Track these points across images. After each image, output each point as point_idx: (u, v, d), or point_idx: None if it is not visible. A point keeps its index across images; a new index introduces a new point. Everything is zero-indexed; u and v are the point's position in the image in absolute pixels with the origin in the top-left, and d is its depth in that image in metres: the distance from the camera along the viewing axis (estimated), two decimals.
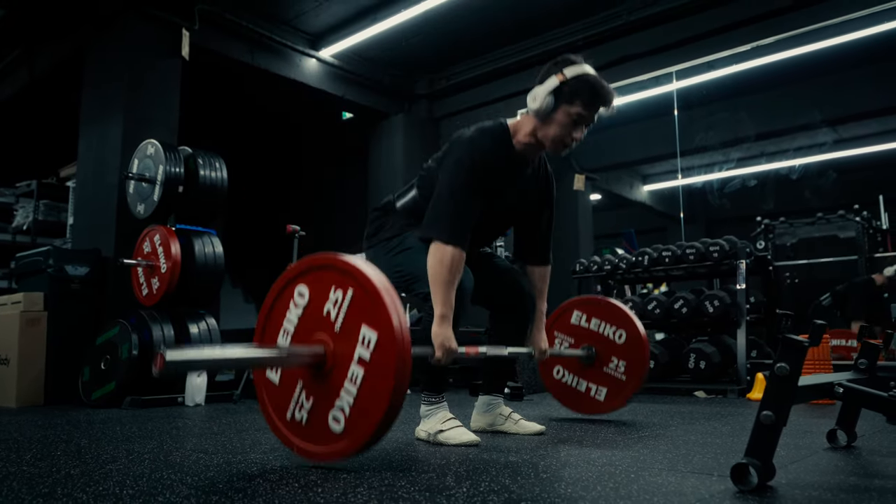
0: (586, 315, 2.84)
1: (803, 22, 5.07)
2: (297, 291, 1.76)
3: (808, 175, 8.45)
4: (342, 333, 1.65)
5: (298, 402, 1.72)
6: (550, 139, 2.18)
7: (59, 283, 4.22)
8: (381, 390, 1.55)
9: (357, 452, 1.62)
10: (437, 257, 2.05)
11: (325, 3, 5.66)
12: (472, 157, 2.15)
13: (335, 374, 1.64)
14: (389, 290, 1.60)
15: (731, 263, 4.59)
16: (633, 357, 2.72)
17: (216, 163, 4.28)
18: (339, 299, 1.66)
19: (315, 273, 1.74)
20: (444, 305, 2.04)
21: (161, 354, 1.37)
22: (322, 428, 1.65)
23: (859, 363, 1.93)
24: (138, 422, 2.91)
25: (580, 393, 2.87)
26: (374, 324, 1.59)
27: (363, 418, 1.58)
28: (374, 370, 1.57)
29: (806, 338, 1.37)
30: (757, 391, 3.93)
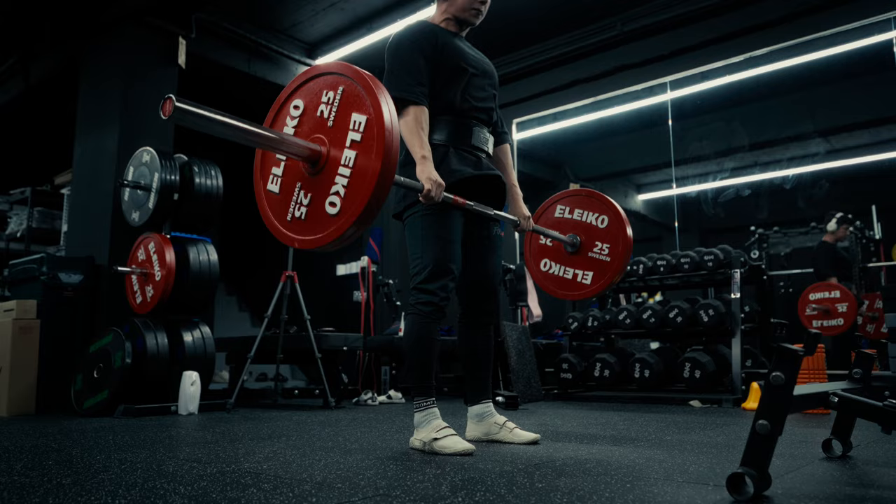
0: (569, 207, 2.91)
1: (795, 34, 5.13)
2: (291, 106, 1.91)
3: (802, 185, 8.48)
4: (335, 127, 1.79)
5: (297, 202, 1.85)
6: (461, 8, 2.43)
7: (53, 291, 4.20)
8: (372, 164, 1.67)
9: (354, 226, 1.70)
10: (403, 117, 2.23)
11: (322, 13, 5.69)
12: (402, 36, 2.36)
13: (330, 165, 1.78)
14: (375, 79, 1.76)
15: (725, 273, 4.61)
16: (616, 238, 2.78)
17: (212, 170, 4.28)
18: (331, 98, 1.82)
19: (307, 84, 1.90)
20: (420, 148, 2.19)
21: (170, 99, 1.45)
22: (320, 216, 1.78)
23: (854, 373, 1.94)
24: (131, 431, 2.89)
25: (567, 280, 2.91)
26: (363, 109, 1.74)
27: (358, 193, 1.69)
28: (365, 146, 1.71)
29: (801, 347, 1.37)
30: (752, 401, 3.93)
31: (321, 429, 2.96)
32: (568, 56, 6.10)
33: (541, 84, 6.50)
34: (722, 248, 4.73)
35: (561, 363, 5.05)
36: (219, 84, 6.41)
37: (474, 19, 2.48)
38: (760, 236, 7.42)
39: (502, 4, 5.39)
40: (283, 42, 6.04)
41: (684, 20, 5.41)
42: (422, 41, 2.34)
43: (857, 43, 5.28)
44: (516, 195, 2.64)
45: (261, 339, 4.26)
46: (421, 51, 2.32)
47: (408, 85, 2.27)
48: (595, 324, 5.12)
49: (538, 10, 5.63)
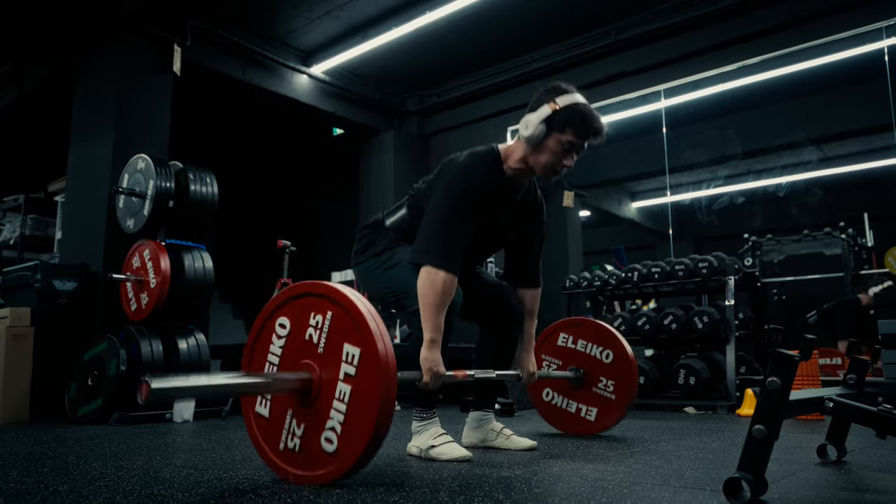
0: (573, 337, 2.86)
1: (788, 43, 5.17)
2: (277, 324, 1.79)
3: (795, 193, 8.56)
4: (326, 355, 1.67)
5: (290, 431, 1.72)
6: (542, 166, 2.20)
7: (47, 298, 4.18)
8: (369, 402, 1.56)
9: (353, 468, 1.62)
10: (429, 282, 2.05)
11: (317, 21, 5.71)
12: (463, 183, 2.16)
13: (323, 396, 1.66)
14: (366, 306, 1.63)
15: (719, 280, 4.63)
16: (622, 376, 2.74)
17: (207, 178, 4.28)
18: (320, 322, 1.69)
19: (293, 303, 1.77)
20: (434, 331, 2.05)
21: (146, 383, 1.34)
22: (316, 451, 1.65)
23: (848, 378, 1.95)
24: (126, 438, 2.88)
25: (570, 414, 2.87)
26: (355, 340, 1.62)
27: (356, 432, 1.58)
28: (361, 384, 1.59)
29: (796, 353, 1.39)
30: (747, 407, 3.94)
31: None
32: (562, 64, 6.13)
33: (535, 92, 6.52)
34: (716, 255, 4.75)
35: None
36: (214, 91, 6.43)
37: (549, 180, 2.27)
38: (754, 244, 7.46)
39: (498, 13, 5.44)
40: (278, 49, 6.05)
41: (678, 29, 5.46)
42: (474, 201, 2.15)
43: (848, 52, 5.32)
44: (529, 346, 2.50)
45: None
46: (473, 209, 2.15)
47: (450, 253, 2.09)
48: None
49: (533, 19, 5.67)
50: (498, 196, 2.26)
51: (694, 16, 5.33)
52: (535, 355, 2.59)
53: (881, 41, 5.17)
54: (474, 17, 5.43)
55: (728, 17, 5.25)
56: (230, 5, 5.47)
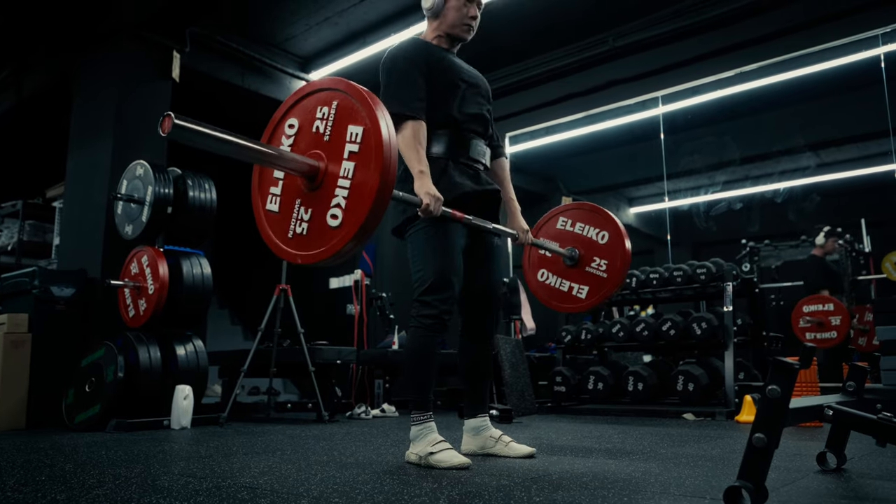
0: (571, 220, 2.91)
1: (785, 49, 5.19)
2: (286, 125, 1.91)
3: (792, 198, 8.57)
4: (331, 142, 1.79)
5: (298, 218, 1.84)
6: (452, 25, 2.47)
7: (45, 305, 4.17)
8: (371, 170, 1.67)
9: (357, 235, 1.69)
10: (401, 132, 2.25)
11: (315, 27, 5.72)
12: (396, 53, 2.39)
13: (329, 180, 1.78)
14: (369, 91, 1.76)
15: (717, 286, 4.63)
16: (615, 255, 2.79)
17: (205, 184, 4.27)
18: (326, 113, 1.83)
19: (301, 103, 1.90)
20: (418, 163, 2.22)
21: (169, 116, 1.44)
22: (322, 230, 1.77)
23: (847, 386, 1.95)
24: (124, 446, 2.87)
25: (563, 292, 2.91)
26: (359, 121, 1.74)
27: (359, 201, 1.69)
28: (364, 157, 1.71)
29: (797, 360, 1.39)
30: (745, 414, 3.94)
31: (315, 443, 2.94)
32: (560, 70, 6.15)
33: (534, 98, 6.55)
34: (714, 261, 4.76)
35: (554, 376, 5.05)
36: (212, 98, 6.43)
37: (466, 35, 2.51)
38: (751, 249, 7.47)
39: (496, 19, 5.45)
40: (276, 56, 6.06)
41: (675, 36, 5.48)
42: (416, 57, 2.37)
43: (845, 59, 5.35)
44: (514, 209, 2.66)
45: (254, 353, 4.24)
46: (416, 66, 2.35)
47: (405, 100, 2.28)
48: (588, 337, 5.13)
49: (531, 25, 5.68)
50: (436, 55, 2.43)
51: (691, 23, 5.36)
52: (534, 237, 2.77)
53: (877, 48, 5.20)
54: None
55: (725, 25, 5.28)
56: (229, 12, 5.48)
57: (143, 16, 4.75)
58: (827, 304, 5.48)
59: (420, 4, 2.55)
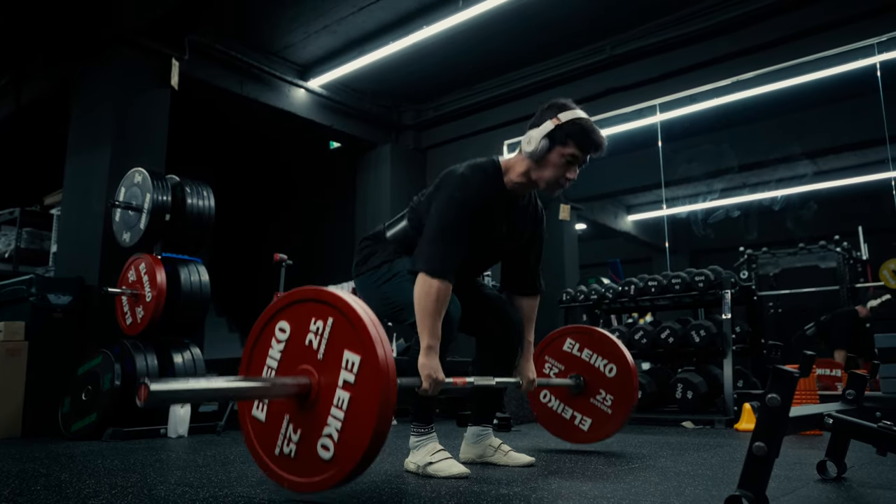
0: (579, 344, 2.85)
1: (782, 58, 5.21)
2: (277, 328, 1.77)
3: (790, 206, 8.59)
4: (325, 361, 1.65)
5: (286, 436, 1.70)
6: (545, 180, 2.23)
7: (41, 312, 4.15)
8: (368, 410, 1.55)
9: (348, 477, 1.59)
10: (424, 289, 2.08)
11: (314, 35, 5.73)
12: (463, 194, 2.18)
13: (321, 403, 1.64)
14: (368, 314, 1.62)
15: (716, 293, 4.63)
16: (621, 392, 2.73)
17: (204, 191, 4.26)
18: (321, 328, 1.67)
19: (294, 307, 1.75)
20: (431, 337, 2.06)
21: (145, 385, 1.34)
22: (311, 458, 1.63)
23: (847, 394, 1.94)
24: (120, 454, 2.85)
25: (565, 420, 2.87)
26: (355, 347, 1.60)
27: (353, 440, 1.57)
28: (360, 392, 1.58)
29: (796, 368, 1.38)
30: (745, 422, 3.93)
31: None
32: (558, 79, 6.16)
33: (531, 106, 6.52)
34: (712, 269, 4.76)
35: None
36: (211, 105, 6.44)
37: (552, 193, 2.30)
38: (749, 257, 7.48)
39: (494, 28, 5.47)
40: (275, 64, 6.07)
41: (673, 44, 5.49)
42: (474, 212, 2.18)
43: (842, 67, 5.37)
44: (528, 354, 2.51)
45: None
46: (472, 218, 2.18)
47: (446, 261, 2.11)
48: None
49: (528, 34, 5.70)
50: (497, 207, 2.28)
51: (688, 31, 5.37)
52: (538, 357, 2.67)
53: (873, 57, 5.22)
54: (471, 32, 5.47)
55: (722, 33, 5.30)
56: (228, 20, 5.50)
57: (142, 24, 4.76)
58: (835, 369, 5.36)
59: (418, 12, 2.50)
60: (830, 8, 4.90)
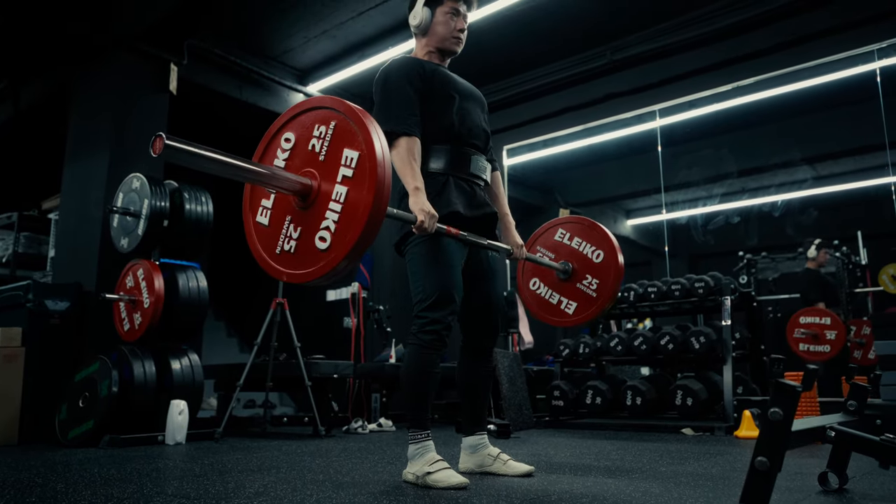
0: (570, 233, 2.89)
1: (782, 64, 5.21)
2: (283, 139, 1.89)
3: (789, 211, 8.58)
4: (326, 162, 1.78)
5: (287, 235, 1.84)
6: (441, 39, 2.49)
7: (39, 318, 4.13)
8: (363, 200, 1.66)
9: (344, 262, 1.68)
10: (395, 150, 2.24)
11: (313, 40, 5.73)
12: (387, 73, 2.38)
13: (321, 201, 1.76)
14: (367, 114, 1.74)
15: (715, 299, 4.62)
16: (606, 276, 2.77)
17: (202, 197, 4.25)
18: (323, 132, 1.81)
19: (299, 118, 1.88)
20: (413, 179, 2.20)
21: (161, 136, 1.43)
22: (310, 250, 1.76)
23: (849, 405, 1.93)
24: (117, 463, 2.83)
25: (552, 305, 2.90)
26: (355, 145, 1.72)
27: (348, 230, 1.68)
28: (357, 183, 1.69)
29: (799, 382, 1.37)
30: (745, 429, 3.91)
31: (311, 460, 2.91)
32: (558, 84, 6.16)
33: (531, 111, 6.56)
34: (712, 274, 4.75)
35: (552, 390, 5.02)
36: (210, 110, 6.42)
37: (456, 48, 2.53)
38: (749, 261, 7.46)
39: (492, 33, 5.47)
40: (274, 69, 6.06)
41: (673, 50, 5.50)
42: (409, 72, 2.37)
43: (842, 73, 5.37)
44: (508, 224, 2.64)
45: (250, 367, 4.21)
46: (410, 82, 2.34)
47: (399, 117, 2.28)
48: (586, 350, 5.11)
49: (530, 39, 5.70)
50: (430, 70, 2.42)
51: (688, 37, 5.38)
52: (530, 246, 2.81)
53: (873, 63, 5.22)
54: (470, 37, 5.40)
55: (722, 39, 5.30)
56: (227, 25, 5.49)
57: (141, 29, 4.75)
58: (824, 317, 5.45)
59: None
60: (831, 14, 4.91)
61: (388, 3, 5.15)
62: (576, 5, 5.19)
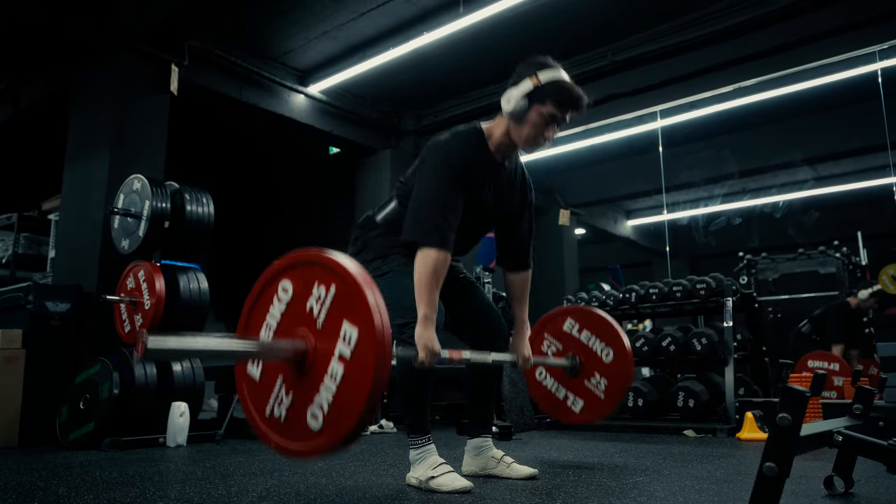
0: (579, 325, 2.82)
1: (783, 65, 5.21)
2: (280, 286, 1.73)
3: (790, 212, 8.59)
4: (324, 330, 1.63)
5: (278, 397, 1.68)
6: (524, 139, 2.23)
7: (39, 320, 4.12)
8: (359, 388, 1.53)
9: (333, 450, 1.59)
10: (422, 261, 2.08)
11: (314, 41, 5.72)
12: (448, 159, 2.19)
13: (315, 371, 1.62)
14: (371, 287, 1.59)
15: (717, 301, 4.61)
16: (616, 379, 2.71)
17: (203, 198, 4.24)
18: (322, 295, 1.64)
19: (300, 269, 1.72)
20: (428, 307, 2.06)
21: (143, 340, 1.33)
22: (300, 425, 1.62)
23: (855, 408, 1.92)
24: (118, 466, 2.82)
25: (557, 399, 2.85)
26: (355, 320, 1.57)
27: (341, 416, 1.55)
28: (354, 368, 1.55)
29: (807, 388, 1.36)
30: (747, 431, 3.91)
31: (313, 463, 2.90)
32: None
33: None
34: (714, 276, 4.74)
35: None
36: (211, 111, 6.41)
37: (530, 151, 2.31)
38: (749, 262, 7.46)
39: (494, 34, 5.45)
40: (275, 69, 6.05)
41: (674, 51, 5.48)
42: (466, 169, 2.19)
43: (843, 74, 5.37)
44: (523, 332, 2.50)
45: None
46: (463, 182, 2.17)
47: (441, 228, 2.10)
48: None
49: (528, 40, 5.68)
50: (483, 172, 2.28)
51: (689, 38, 5.36)
52: (537, 334, 2.69)
53: (874, 63, 5.23)
54: (471, 37, 5.45)
55: (723, 40, 5.28)
56: (228, 26, 5.48)
57: (141, 29, 4.74)
58: (833, 362, 5.26)
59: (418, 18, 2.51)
60: (832, 16, 4.90)
61: (389, 4, 5.14)
62: (578, 6, 5.18)
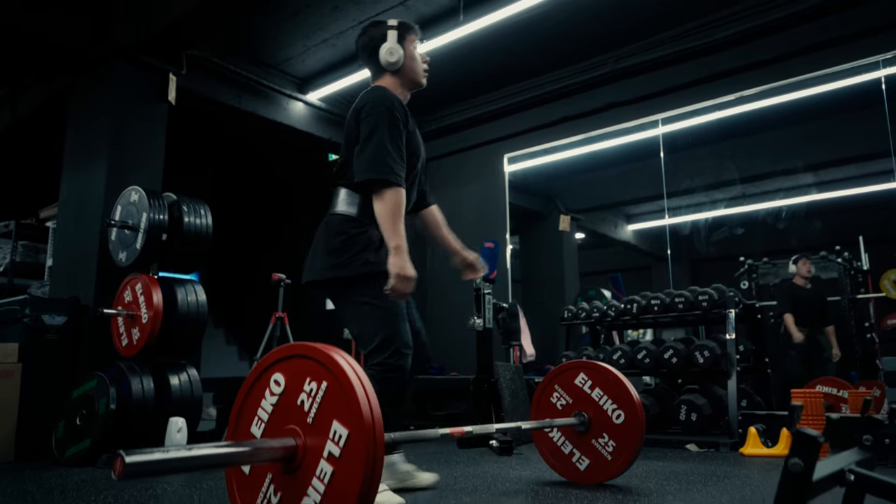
0: (591, 381, 2.76)
1: (785, 74, 5.17)
2: (273, 379, 1.69)
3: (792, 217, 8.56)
4: (314, 426, 1.58)
5: (266, 496, 1.63)
6: (416, 73, 2.44)
7: (35, 333, 4.09)
8: (348, 491, 1.47)
9: None
10: (381, 200, 2.16)
11: (313, 48, 5.68)
12: (392, 109, 2.27)
13: (305, 470, 1.57)
14: (364, 385, 1.54)
15: (719, 312, 4.58)
16: (625, 442, 2.66)
17: (201, 209, 4.20)
18: (314, 390, 1.60)
19: (291, 361, 1.67)
20: (397, 237, 2.13)
21: (120, 458, 1.26)
22: None
23: (864, 439, 1.88)
24: (114, 486, 2.78)
25: (563, 454, 2.81)
26: (346, 420, 1.52)
27: None
28: (344, 469, 1.50)
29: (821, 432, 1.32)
30: (750, 446, 3.87)
31: None
32: (559, 92, 6.12)
33: (532, 119, 6.51)
34: (716, 287, 4.71)
35: None
36: (209, 119, 6.38)
37: (424, 81, 2.50)
38: (750, 267, 7.43)
39: (494, 41, 5.42)
40: (273, 77, 6.02)
41: (675, 59, 5.46)
42: (403, 113, 2.30)
43: (846, 81, 5.34)
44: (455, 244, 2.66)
45: None
46: (405, 124, 2.29)
47: (394, 165, 2.19)
48: None
49: (530, 47, 5.66)
50: (410, 124, 2.37)
51: (691, 46, 5.34)
52: (548, 386, 2.78)
53: (878, 71, 5.18)
54: (471, 45, 5.42)
55: (725, 48, 5.26)
56: (226, 34, 5.44)
57: (140, 39, 4.70)
58: (842, 389, 5.26)
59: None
60: (835, 25, 4.87)
61: (388, 13, 5.11)
62: (578, 15, 5.15)
